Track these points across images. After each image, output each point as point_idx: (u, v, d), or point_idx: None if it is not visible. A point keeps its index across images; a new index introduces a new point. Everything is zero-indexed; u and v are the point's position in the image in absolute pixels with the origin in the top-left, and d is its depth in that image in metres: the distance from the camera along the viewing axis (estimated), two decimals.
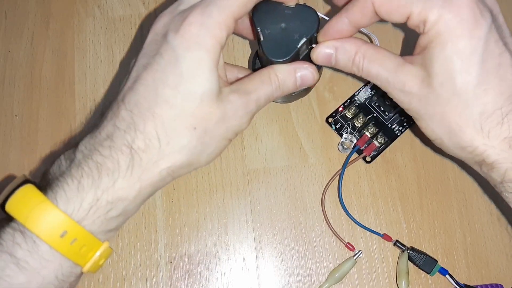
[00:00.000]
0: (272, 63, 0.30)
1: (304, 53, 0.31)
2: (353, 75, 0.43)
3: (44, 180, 0.27)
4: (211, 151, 0.29)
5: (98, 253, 0.26)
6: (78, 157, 0.26)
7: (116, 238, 0.39)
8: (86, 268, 0.26)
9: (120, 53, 0.44)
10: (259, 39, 0.31)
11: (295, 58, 0.31)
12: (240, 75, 0.33)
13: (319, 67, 0.33)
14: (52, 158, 0.41)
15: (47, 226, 0.24)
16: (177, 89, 0.26)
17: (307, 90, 0.39)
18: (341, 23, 0.30)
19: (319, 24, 0.31)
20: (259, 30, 0.30)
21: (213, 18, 0.27)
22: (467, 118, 0.28)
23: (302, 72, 0.31)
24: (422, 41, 0.28)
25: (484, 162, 0.29)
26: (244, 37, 0.36)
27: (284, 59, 0.30)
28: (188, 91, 0.27)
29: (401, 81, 0.29)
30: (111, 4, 0.45)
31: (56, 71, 0.44)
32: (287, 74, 0.30)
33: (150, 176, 0.27)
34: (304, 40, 0.30)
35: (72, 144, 0.41)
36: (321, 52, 0.31)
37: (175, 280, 0.39)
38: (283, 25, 0.30)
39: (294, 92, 0.36)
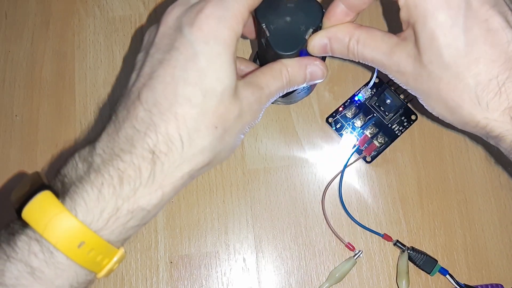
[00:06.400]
0: (280, 58, 0.30)
1: None
2: (354, 74, 0.43)
3: (59, 182, 0.26)
4: (229, 148, 0.28)
5: (114, 260, 0.26)
6: (96, 162, 0.25)
7: None
8: (100, 274, 0.26)
9: (120, 53, 0.44)
10: (262, 36, 0.30)
11: (303, 50, 0.30)
12: (242, 67, 0.33)
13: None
14: (54, 158, 0.41)
15: (65, 237, 0.24)
16: (198, 86, 0.26)
17: (309, 90, 0.39)
18: (338, 8, 0.30)
19: (323, 14, 0.30)
20: (264, 26, 0.30)
21: (229, 10, 0.26)
22: (462, 93, 0.26)
23: (312, 68, 0.30)
24: (403, 15, 0.27)
25: (490, 135, 0.27)
26: (244, 37, 0.35)
27: (293, 52, 0.30)
28: (208, 88, 0.26)
29: (395, 62, 0.28)
30: (111, 4, 0.45)
31: (56, 72, 0.44)
32: (297, 69, 0.30)
33: (172, 181, 0.26)
34: (311, 31, 0.30)
35: (77, 144, 0.41)
36: (316, 43, 0.30)
37: (175, 280, 0.39)
38: (287, 18, 0.30)
39: (298, 91, 0.36)
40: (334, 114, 0.42)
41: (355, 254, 0.39)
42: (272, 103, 0.41)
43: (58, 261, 0.24)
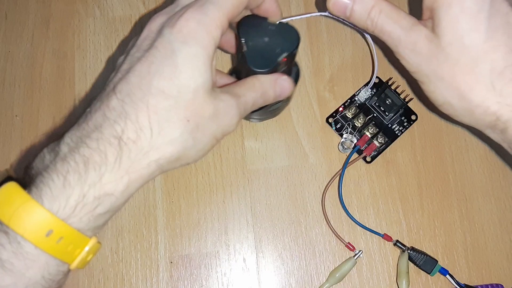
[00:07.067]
0: (253, 73, 0.31)
1: (283, 69, 0.32)
2: (354, 74, 0.43)
3: (27, 175, 0.26)
4: (200, 147, 0.28)
5: (86, 250, 0.26)
6: (63, 150, 0.26)
7: (116, 238, 0.40)
8: (73, 265, 0.26)
9: (120, 54, 0.44)
10: (241, 50, 0.31)
11: (274, 70, 0.32)
12: (218, 79, 0.34)
13: (295, 82, 0.35)
14: (34, 153, 0.41)
15: (32, 226, 0.24)
16: (172, 80, 0.26)
17: (284, 104, 0.39)
18: None
19: (299, 42, 0.32)
20: (243, 41, 0.31)
21: (209, 15, 0.27)
22: (477, 76, 0.28)
23: (281, 83, 0.32)
24: (427, 1, 0.29)
25: (497, 123, 0.28)
26: (225, 51, 0.36)
27: (264, 70, 0.31)
28: (182, 84, 0.26)
29: (413, 40, 0.29)
30: (111, 4, 0.45)
31: (56, 72, 0.44)
32: (269, 84, 0.31)
33: (138, 168, 0.26)
34: (284, 54, 0.31)
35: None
36: (338, 1, 0.31)
37: (175, 280, 0.39)
38: (266, 39, 0.31)
39: (271, 107, 0.37)
40: (334, 114, 0.42)
41: (355, 254, 0.39)
42: (247, 119, 0.41)
43: (26, 251, 0.24)
